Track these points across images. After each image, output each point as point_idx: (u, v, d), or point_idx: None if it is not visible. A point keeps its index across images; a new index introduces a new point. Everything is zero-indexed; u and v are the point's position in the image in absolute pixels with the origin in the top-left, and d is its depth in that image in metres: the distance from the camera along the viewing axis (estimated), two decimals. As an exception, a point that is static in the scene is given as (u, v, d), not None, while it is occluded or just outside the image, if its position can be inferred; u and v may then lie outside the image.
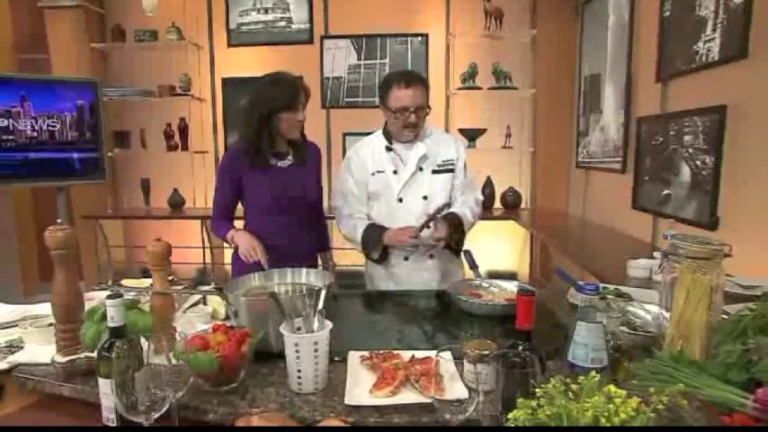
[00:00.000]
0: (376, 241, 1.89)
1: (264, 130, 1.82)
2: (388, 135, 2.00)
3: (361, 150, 2.04)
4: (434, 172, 1.96)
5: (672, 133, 2.40)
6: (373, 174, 1.97)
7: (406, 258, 1.96)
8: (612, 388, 0.62)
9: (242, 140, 1.86)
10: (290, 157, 1.91)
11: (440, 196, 1.94)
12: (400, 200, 1.95)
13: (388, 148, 1.97)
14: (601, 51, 3.34)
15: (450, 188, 1.99)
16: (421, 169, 1.95)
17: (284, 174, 1.88)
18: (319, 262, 2.15)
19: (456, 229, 1.87)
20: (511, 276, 3.89)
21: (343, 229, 2.02)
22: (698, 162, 2.19)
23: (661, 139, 2.51)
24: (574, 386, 0.64)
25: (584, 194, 3.72)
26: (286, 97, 1.80)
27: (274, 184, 1.85)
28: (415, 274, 1.95)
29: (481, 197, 2.14)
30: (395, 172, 1.95)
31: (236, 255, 1.99)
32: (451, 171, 1.99)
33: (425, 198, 1.94)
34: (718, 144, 2.04)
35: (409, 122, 1.88)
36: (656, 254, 2.11)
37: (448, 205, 1.91)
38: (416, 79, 1.89)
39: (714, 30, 2.08)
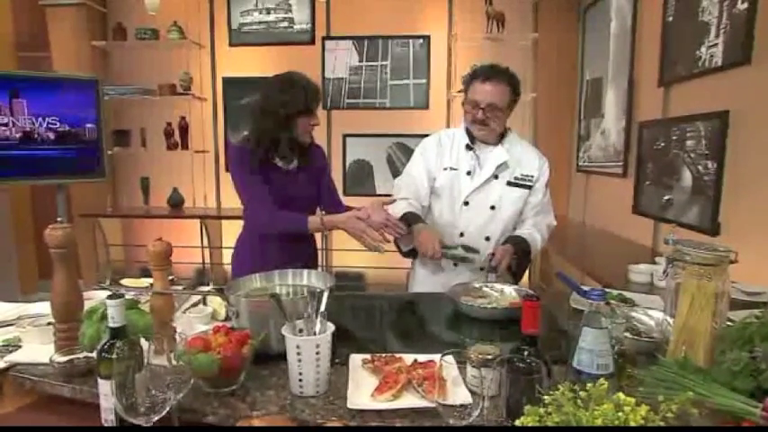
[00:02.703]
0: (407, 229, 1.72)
1: (284, 134, 1.76)
2: (470, 132, 1.88)
3: (443, 139, 1.92)
4: (509, 184, 1.85)
5: (674, 138, 2.40)
6: (446, 169, 1.86)
7: (455, 264, 1.85)
8: (622, 396, 0.62)
9: (252, 143, 1.79)
10: (295, 161, 1.87)
11: (508, 210, 1.86)
12: (466, 203, 1.85)
13: (469, 147, 1.86)
14: (602, 56, 3.34)
15: (522, 205, 1.88)
16: (496, 177, 1.84)
17: (289, 177, 1.85)
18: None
19: (522, 254, 1.78)
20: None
21: (390, 209, 1.82)
22: (700, 167, 2.18)
23: (663, 143, 2.51)
24: (582, 393, 0.64)
25: (584, 199, 3.72)
26: (303, 101, 1.74)
27: (280, 187, 1.82)
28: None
29: (555, 223, 2.00)
30: (468, 173, 1.85)
31: (236, 254, 1.98)
32: (528, 188, 1.87)
33: (493, 208, 1.84)
34: (720, 149, 2.04)
35: (476, 118, 1.79)
36: (657, 259, 2.11)
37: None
38: (499, 76, 1.78)
39: (717, 35, 2.08)
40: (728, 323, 1.00)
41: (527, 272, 4.09)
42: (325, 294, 1.10)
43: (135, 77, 4.16)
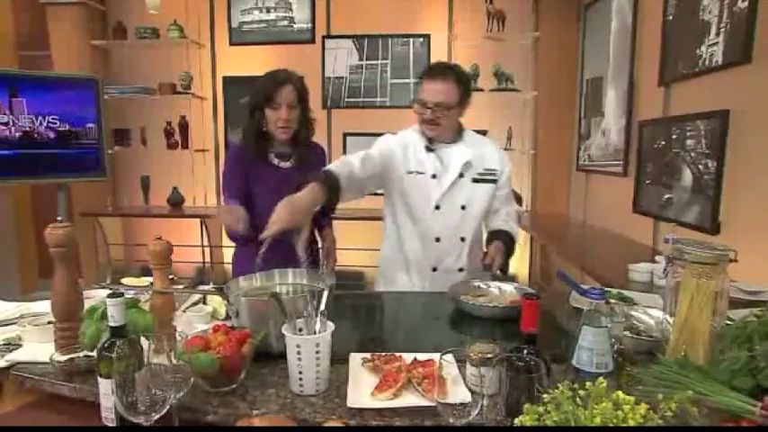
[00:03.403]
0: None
1: (254, 125, 1.82)
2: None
3: (405, 140, 1.84)
4: (475, 180, 1.82)
5: (674, 137, 2.40)
6: (411, 173, 1.80)
7: (434, 269, 1.83)
8: (621, 394, 0.62)
9: (245, 139, 1.88)
10: (292, 159, 1.89)
11: (478, 207, 1.84)
12: (437, 207, 1.80)
13: (429, 149, 1.81)
14: (603, 54, 3.34)
15: (490, 199, 1.86)
16: (462, 176, 1.80)
17: (286, 174, 1.86)
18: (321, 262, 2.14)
19: (509, 250, 1.77)
20: (511, 279, 3.89)
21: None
22: (700, 166, 2.18)
23: (663, 142, 2.51)
24: (581, 392, 0.64)
25: (584, 197, 3.72)
26: (264, 92, 1.77)
27: (275, 184, 1.83)
28: (444, 286, 1.73)
29: (520, 208, 2.02)
30: (434, 176, 1.79)
31: (236, 254, 1.98)
32: (493, 182, 1.85)
33: (463, 208, 1.81)
34: (720, 148, 2.04)
35: (425, 119, 1.76)
36: (657, 258, 2.11)
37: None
38: (446, 74, 1.74)
39: (718, 34, 2.08)
40: (728, 322, 1.00)
41: (527, 270, 4.11)
42: (325, 293, 1.10)
43: (135, 76, 4.17)
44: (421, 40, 4.04)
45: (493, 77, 3.92)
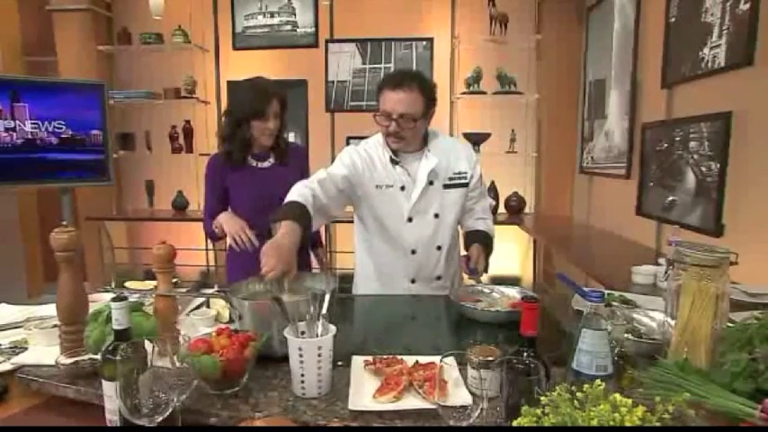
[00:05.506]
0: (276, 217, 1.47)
1: (238, 135, 1.91)
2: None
3: (370, 152, 1.78)
4: (446, 186, 1.77)
5: (677, 139, 2.40)
6: (379, 187, 1.74)
7: (413, 281, 1.81)
8: (618, 396, 0.62)
9: (222, 144, 1.98)
10: (270, 159, 1.99)
11: (452, 213, 1.80)
12: (410, 219, 1.76)
13: (394, 161, 1.75)
14: (606, 57, 3.34)
15: (463, 203, 1.83)
16: (431, 183, 1.75)
17: (265, 174, 1.96)
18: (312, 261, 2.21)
19: (488, 249, 1.79)
20: (514, 282, 3.88)
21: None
22: (703, 168, 2.18)
23: (666, 145, 2.50)
24: (579, 394, 0.64)
25: (588, 200, 3.71)
26: (255, 105, 1.86)
27: (255, 184, 1.93)
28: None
29: (493, 202, 2.02)
30: (402, 188, 1.74)
31: (229, 255, 2.03)
32: (464, 186, 1.81)
33: (437, 216, 1.77)
34: (723, 150, 2.03)
35: (390, 131, 1.68)
36: (660, 260, 2.10)
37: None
38: (409, 82, 1.64)
39: (720, 36, 2.08)
40: (730, 324, 1.00)
41: (531, 273, 4.10)
42: (327, 296, 1.11)
43: (140, 81, 4.20)
44: (424, 43, 4.05)
45: (496, 80, 3.92)
